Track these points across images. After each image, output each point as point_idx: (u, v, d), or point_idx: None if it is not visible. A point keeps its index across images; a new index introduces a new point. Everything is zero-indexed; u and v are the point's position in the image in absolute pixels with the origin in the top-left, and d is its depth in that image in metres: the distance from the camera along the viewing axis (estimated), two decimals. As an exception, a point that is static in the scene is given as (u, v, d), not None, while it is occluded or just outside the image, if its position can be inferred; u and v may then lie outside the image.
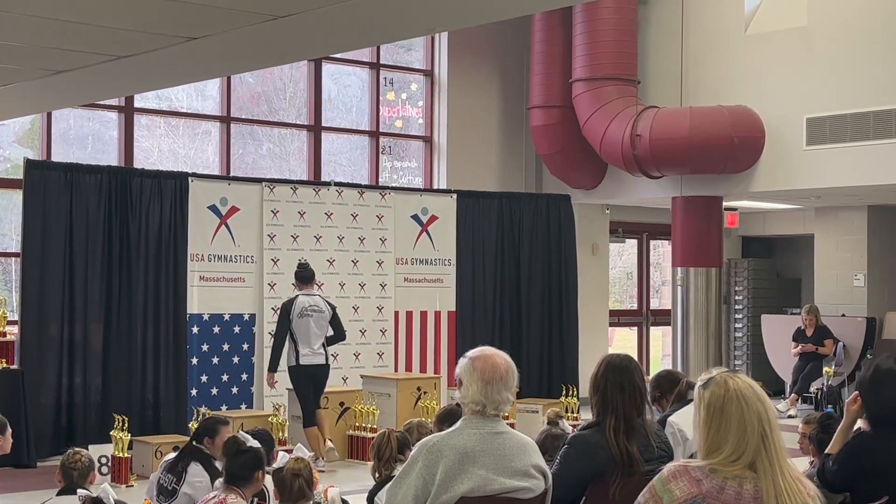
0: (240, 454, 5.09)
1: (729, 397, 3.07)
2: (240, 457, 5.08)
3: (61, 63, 6.33)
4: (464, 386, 4.00)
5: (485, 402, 3.96)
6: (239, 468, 5.06)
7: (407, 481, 3.89)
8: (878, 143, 11.99)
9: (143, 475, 9.26)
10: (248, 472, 5.05)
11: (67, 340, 10.64)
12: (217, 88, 12.86)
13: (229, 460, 5.13)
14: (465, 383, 4.00)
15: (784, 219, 16.58)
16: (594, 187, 14.47)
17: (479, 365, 3.99)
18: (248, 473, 5.05)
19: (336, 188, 12.39)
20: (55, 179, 10.63)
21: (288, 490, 5.09)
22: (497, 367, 3.99)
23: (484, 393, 3.96)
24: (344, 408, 10.61)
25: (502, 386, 3.98)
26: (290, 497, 5.11)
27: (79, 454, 5.85)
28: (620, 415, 4.42)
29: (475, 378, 3.97)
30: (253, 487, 5.08)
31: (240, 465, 5.07)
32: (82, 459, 5.80)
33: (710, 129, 12.78)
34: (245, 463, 5.07)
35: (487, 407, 3.97)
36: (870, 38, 12.17)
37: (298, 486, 5.09)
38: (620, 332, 17.01)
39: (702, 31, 13.54)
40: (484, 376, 3.96)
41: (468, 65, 14.41)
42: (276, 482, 5.20)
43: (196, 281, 11.34)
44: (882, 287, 15.11)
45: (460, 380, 4.03)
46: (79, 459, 5.81)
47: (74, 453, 5.86)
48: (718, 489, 2.99)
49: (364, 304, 12.41)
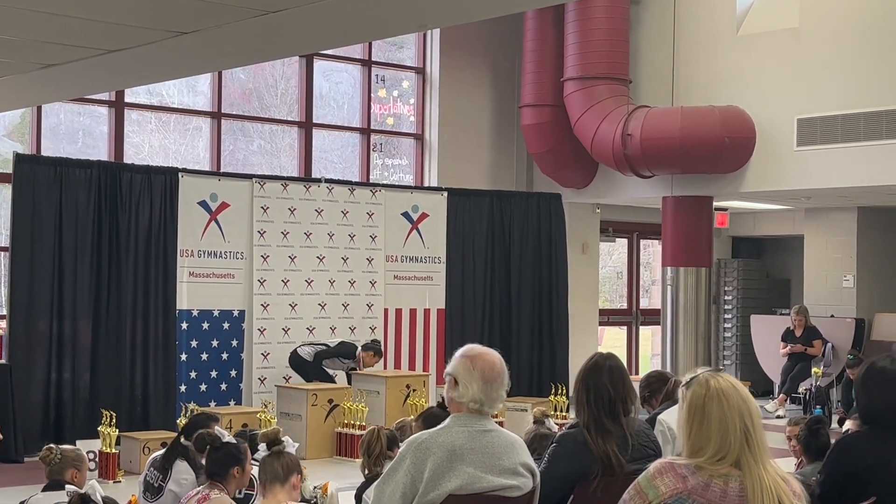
0: (214, 450, 5.03)
1: (710, 396, 3.07)
2: (213, 453, 5.02)
3: (51, 57, 6.31)
4: (462, 385, 3.99)
5: (484, 401, 3.97)
6: (213, 465, 5.00)
7: (395, 478, 3.89)
8: (868, 145, 12.01)
9: (130, 471, 9.24)
10: (223, 468, 4.97)
11: (56, 336, 10.61)
12: (208, 84, 12.83)
13: (206, 457, 5.08)
14: (463, 382, 3.98)
15: (774, 219, 16.61)
16: (585, 186, 14.47)
17: (479, 364, 4.00)
18: (222, 470, 4.97)
19: (327, 185, 12.37)
20: (45, 174, 10.60)
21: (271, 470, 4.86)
22: (495, 366, 4.01)
23: (484, 391, 3.97)
24: (333, 405, 10.60)
25: (499, 384, 4.01)
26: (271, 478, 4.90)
27: (49, 450, 5.82)
28: (589, 416, 4.42)
29: (475, 377, 3.97)
30: (233, 484, 5.01)
31: (214, 461, 5.01)
32: (51, 456, 5.77)
33: (701, 129, 12.79)
34: (219, 460, 5.00)
35: (485, 405, 3.98)
36: (861, 39, 12.19)
37: (281, 464, 4.85)
38: (610, 332, 17.02)
39: (693, 32, 13.55)
40: (484, 375, 3.98)
41: (460, 63, 14.40)
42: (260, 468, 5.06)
43: (185, 277, 11.32)
44: (871, 288, 15.15)
45: (455, 378, 4.01)
46: (47, 455, 5.78)
47: (46, 449, 5.84)
48: (704, 486, 3.00)
49: (354, 302, 12.40)
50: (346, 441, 10.37)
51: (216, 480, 4.96)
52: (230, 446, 5.08)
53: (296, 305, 11.99)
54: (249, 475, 5.16)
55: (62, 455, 5.81)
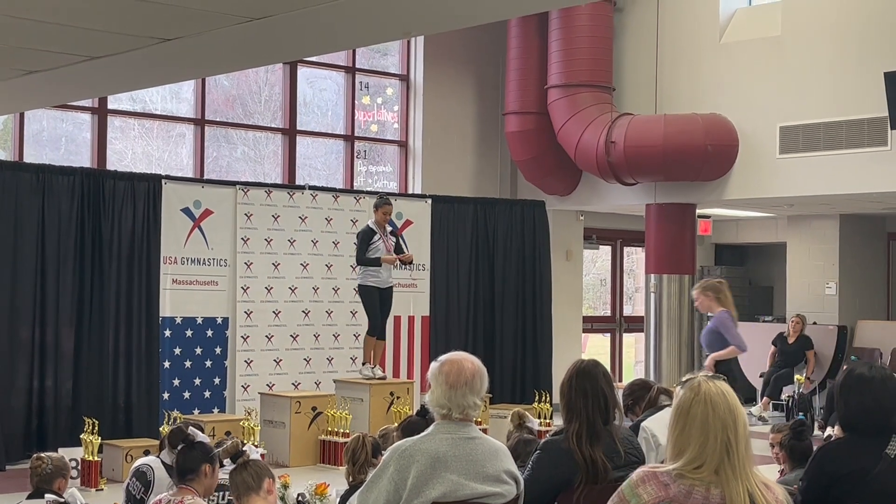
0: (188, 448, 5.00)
1: (697, 400, 3.07)
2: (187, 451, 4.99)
3: (33, 63, 6.29)
4: (430, 389, 4.02)
5: (449, 406, 3.97)
6: (186, 461, 4.97)
7: (379, 486, 3.89)
8: (850, 153, 12.08)
9: (113, 479, 9.20)
10: (197, 464, 4.95)
11: (38, 343, 10.55)
12: (191, 91, 12.81)
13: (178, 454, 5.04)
14: (431, 387, 4.02)
15: (757, 227, 16.67)
16: (568, 194, 14.50)
17: (445, 369, 4.01)
18: (195, 465, 4.94)
19: (310, 192, 12.36)
20: (27, 181, 10.55)
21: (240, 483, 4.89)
22: (463, 371, 3.99)
23: (448, 396, 3.97)
24: (316, 412, 10.58)
25: (468, 390, 3.98)
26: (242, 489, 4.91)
27: (40, 459, 5.80)
28: (584, 420, 4.43)
29: (440, 381, 3.99)
30: (203, 484, 4.97)
31: (187, 458, 4.97)
32: (43, 466, 5.75)
33: (684, 137, 12.83)
34: (193, 456, 4.97)
35: (453, 411, 3.97)
36: (843, 47, 12.26)
37: (250, 474, 4.87)
38: (593, 339, 17.05)
39: (676, 40, 13.61)
40: (449, 380, 3.97)
41: (444, 70, 14.42)
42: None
43: (169, 284, 11.29)
44: (853, 295, 15.22)
45: (430, 383, 4.05)
46: (39, 465, 5.76)
47: (36, 458, 5.82)
48: (686, 494, 3.00)
49: (338, 309, 12.38)
50: (330, 448, 10.35)
51: (188, 479, 4.92)
52: (203, 444, 5.06)
53: (279, 313, 11.97)
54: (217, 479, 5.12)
55: (53, 465, 5.79)
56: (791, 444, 6.44)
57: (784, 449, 6.52)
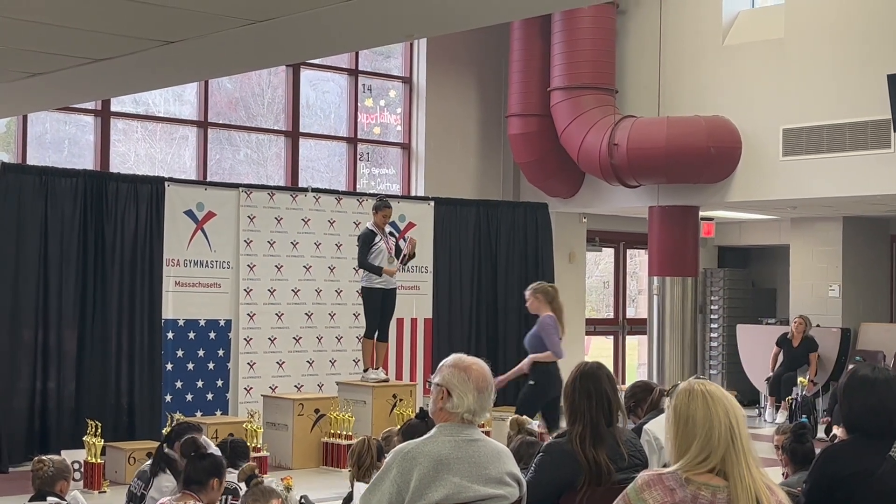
0: (199, 458, 5.02)
1: (694, 396, 3.12)
2: (198, 461, 5.02)
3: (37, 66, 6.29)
4: (456, 396, 3.96)
5: (477, 411, 3.99)
6: (195, 472, 4.99)
7: (381, 488, 3.88)
8: (853, 155, 12.07)
9: (115, 481, 9.20)
10: (206, 476, 4.97)
11: (41, 345, 10.55)
12: (195, 93, 12.81)
13: (188, 463, 5.07)
14: (458, 393, 3.97)
15: (760, 229, 16.66)
16: (571, 196, 14.50)
17: (473, 375, 4.01)
18: (204, 478, 4.97)
19: (313, 194, 12.36)
20: (30, 183, 10.56)
21: None
22: (486, 376, 4.03)
23: (479, 401, 3.98)
24: (319, 415, 10.58)
25: (490, 394, 4.03)
26: None
27: (42, 462, 5.80)
28: (587, 422, 4.43)
29: (471, 388, 3.98)
30: (209, 495, 4.99)
31: (197, 469, 5.00)
32: (44, 468, 5.75)
33: (687, 139, 12.82)
34: (203, 468, 4.99)
35: (477, 415, 3.99)
36: (846, 50, 12.25)
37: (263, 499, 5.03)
38: (596, 341, 17.04)
39: (679, 42, 13.60)
40: (479, 385, 3.99)
41: (447, 72, 14.42)
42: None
43: (171, 286, 11.29)
44: (857, 298, 15.20)
45: (447, 389, 3.99)
46: (41, 468, 5.76)
47: (38, 461, 5.82)
48: (692, 498, 3.00)
49: (340, 311, 12.38)
50: (333, 451, 10.35)
51: (194, 489, 4.94)
52: (214, 457, 5.08)
53: (282, 315, 11.97)
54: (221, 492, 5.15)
55: (54, 467, 5.79)
56: (792, 448, 6.42)
57: (786, 452, 6.50)
